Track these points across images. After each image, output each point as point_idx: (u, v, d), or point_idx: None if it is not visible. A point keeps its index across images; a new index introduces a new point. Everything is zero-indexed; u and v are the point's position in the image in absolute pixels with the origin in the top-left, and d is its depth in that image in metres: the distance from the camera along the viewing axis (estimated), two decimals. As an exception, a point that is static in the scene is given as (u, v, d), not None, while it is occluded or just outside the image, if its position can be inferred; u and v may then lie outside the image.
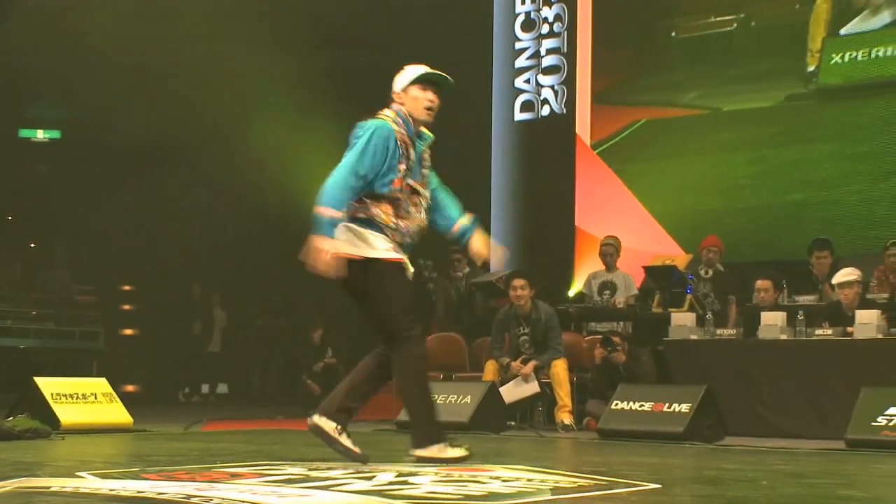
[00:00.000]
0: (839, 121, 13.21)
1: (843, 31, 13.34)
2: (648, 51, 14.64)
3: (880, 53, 12.95)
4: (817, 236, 11.06)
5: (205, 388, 17.29)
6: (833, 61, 13.30)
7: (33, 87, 18.95)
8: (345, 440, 5.56)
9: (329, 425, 5.58)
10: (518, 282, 10.05)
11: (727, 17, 14.09)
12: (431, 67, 5.86)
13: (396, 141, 5.63)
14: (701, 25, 14.24)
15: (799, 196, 13.26)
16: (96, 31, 16.05)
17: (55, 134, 20.95)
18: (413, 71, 5.87)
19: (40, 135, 21.00)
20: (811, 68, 13.44)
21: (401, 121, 5.73)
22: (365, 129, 5.64)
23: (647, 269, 11.08)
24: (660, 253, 12.46)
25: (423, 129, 5.88)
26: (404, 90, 5.82)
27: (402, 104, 5.80)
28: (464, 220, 6.04)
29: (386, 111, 5.79)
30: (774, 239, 13.10)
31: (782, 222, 13.16)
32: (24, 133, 20.89)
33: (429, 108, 5.82)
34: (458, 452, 5.64)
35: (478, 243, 6.01)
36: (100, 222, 18.18)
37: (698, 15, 14.29)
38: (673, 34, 14.41)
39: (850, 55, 13.19)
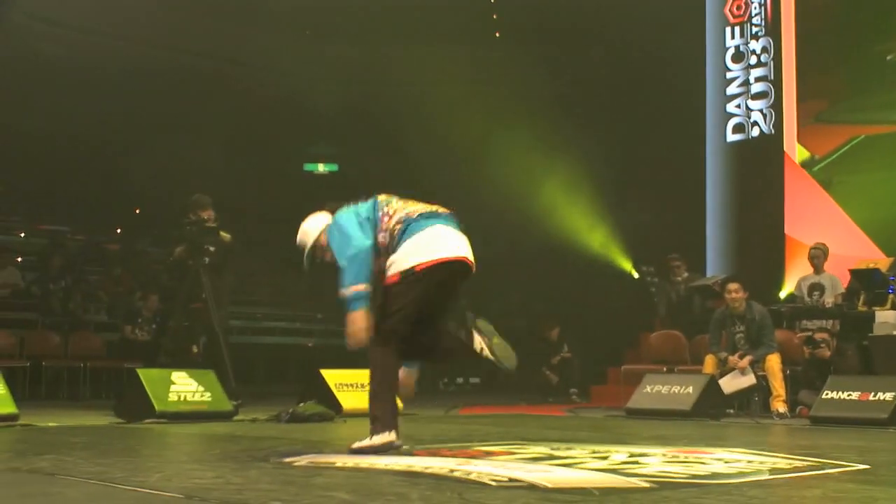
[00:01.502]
0: None
1: None
2: (865, 74, 13.96)
3: None
4: None
5: (460, 379, 17.54)
6: None
7: (317, 128, 19.77)
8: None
9: None
10: (733, 286, 9.85)
11: (943, 38, 13.30)
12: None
13: None
14: (917, 48, 13.49)
15: None
16: (368, 80, 16.65)
17: (333, 167, 21.77)
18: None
19: (321, 168, 21.87)
20: None
21: None
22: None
23: (853, 272, 10.64)
24: (864, 257, 11.95)
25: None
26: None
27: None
28: None
29: None
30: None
31: None
32: (308, 167, 21.80)
33: None
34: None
35: None
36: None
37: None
38: (889, 58, 13.72)
39: None
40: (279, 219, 19.55)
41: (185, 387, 7.99)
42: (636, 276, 15.95)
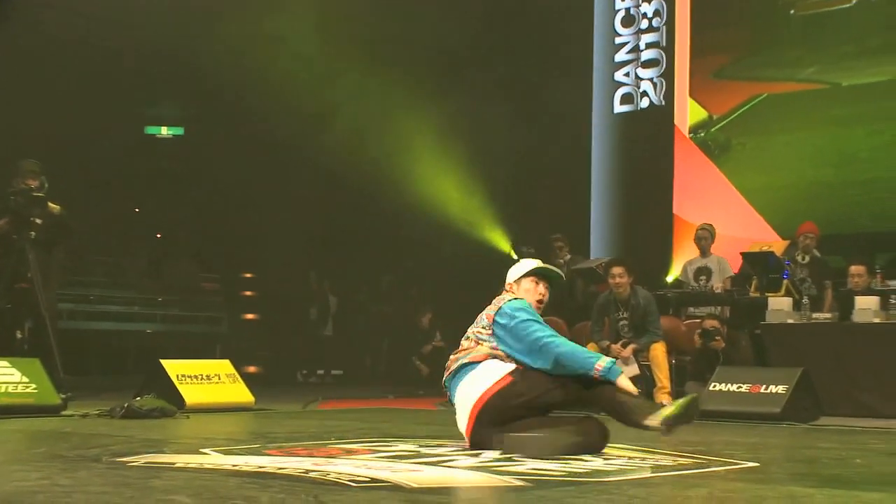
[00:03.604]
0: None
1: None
2: (766, 29, 14.29)
3: None
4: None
5: (320, 371, 17.50)
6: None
7: (159, 86, 19.33)
8: None
9: None
10: (616, 269, 9.98)
11: (847, -6, 13.71)
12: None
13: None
14: (820, 3, 13.81)
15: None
16: (218, 32, 16.35)
17: (178, 131, 21.35)
18: (527, 264, 5.85)
19: (164, 131, 21.42)
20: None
21: None
22: (519, 310, 5.59)
23: (745, 255, 10.95)
24: (757, 239, 12.31)
25: None
26: (517, 282, 5.80)
27: (513, 294, 5.73)
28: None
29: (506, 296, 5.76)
30: (892, 209, 12.77)
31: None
32: (150, 130, 21.32)
33: (539, 302, 5.77)
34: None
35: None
36: (222, 214, 18.49)
37: (818, -7, 13.90)
38: (792, 12, 14.07)
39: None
40: (117, 188, 19.22)
41: (7, 377, 7.79)
42: (515, 257, 16.11)
